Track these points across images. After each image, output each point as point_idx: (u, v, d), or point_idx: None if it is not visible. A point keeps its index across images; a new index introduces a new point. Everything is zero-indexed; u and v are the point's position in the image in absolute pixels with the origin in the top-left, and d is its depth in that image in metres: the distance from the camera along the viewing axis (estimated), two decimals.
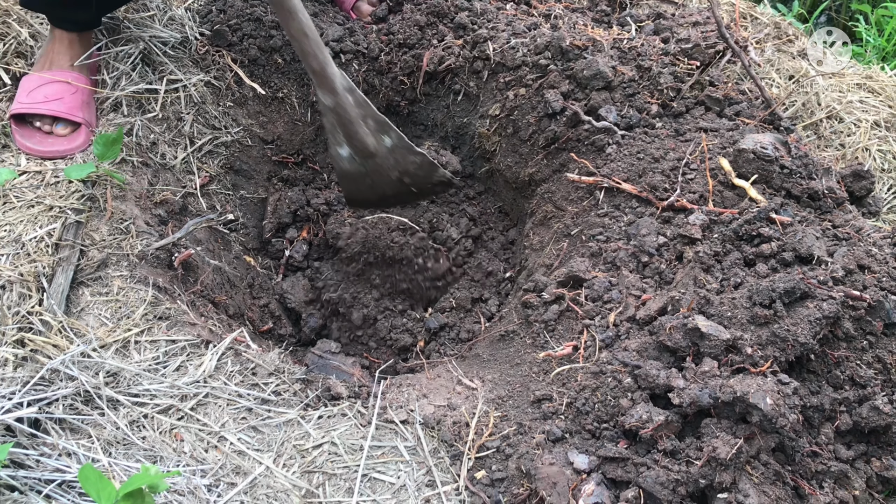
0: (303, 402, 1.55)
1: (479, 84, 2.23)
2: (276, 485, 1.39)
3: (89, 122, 1.92)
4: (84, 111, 1.91)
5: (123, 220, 1.77)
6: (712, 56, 2.12)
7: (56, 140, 1.86)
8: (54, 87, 1.88)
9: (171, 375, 1.53)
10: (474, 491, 1.42)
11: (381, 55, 2.27)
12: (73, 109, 1.88)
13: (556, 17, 2.35)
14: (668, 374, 1.43)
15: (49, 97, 1.86)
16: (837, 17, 3.48)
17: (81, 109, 1.90)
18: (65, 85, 1.90)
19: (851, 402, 1.49)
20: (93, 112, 1.95)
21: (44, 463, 1.33)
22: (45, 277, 1.60)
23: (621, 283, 1.72)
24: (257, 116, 2.28)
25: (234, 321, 1.92)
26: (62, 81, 1.89)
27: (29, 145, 1.84)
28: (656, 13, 2.44)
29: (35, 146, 1.84)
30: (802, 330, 1.43)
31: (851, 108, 2.23)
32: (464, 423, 1.53)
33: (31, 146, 1.84)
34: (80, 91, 1.92)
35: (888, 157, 2.14)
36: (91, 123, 1.92)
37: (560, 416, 1.51)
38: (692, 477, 1.31)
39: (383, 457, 1.47)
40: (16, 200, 1.72)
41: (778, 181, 1.78)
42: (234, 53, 2.23)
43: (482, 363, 1.80)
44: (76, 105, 1.89)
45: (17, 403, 1.38)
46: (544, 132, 2.08)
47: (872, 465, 1.49)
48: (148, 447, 1.40)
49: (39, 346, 1.49)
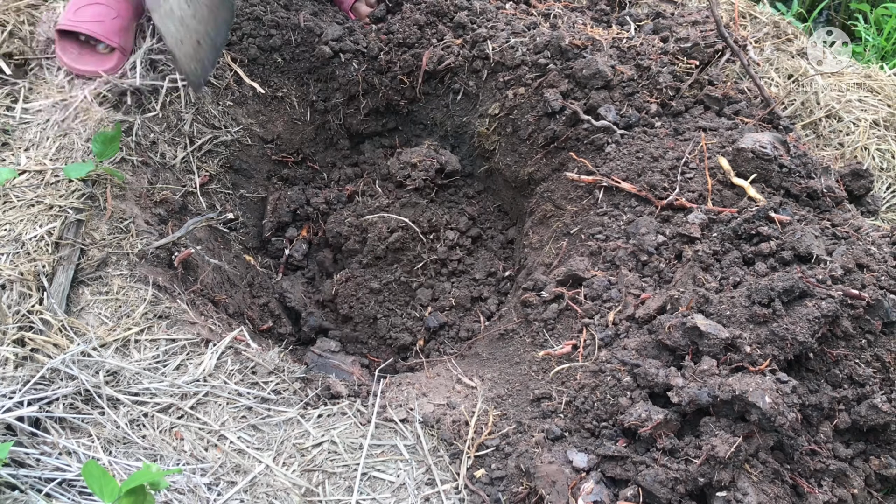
0: (302, 400, 1.55)
1: (479, 83, 2.23)
2: (276, 483, 1.39)
3: (124, 49, 2.01)
4: (121, 36, 2.00)
5: (123, 219, 1.77)
6: (711, 55, 2.12)
7: (92, 58, 1.99)
8: (98, 8, 1.99)
9: (171, 374, 1.53)
10: (474, 489, 1.42)
11: (381, 54, 2.27)
12: (110, 33, 1.98)
13: (555, 17, 2.35)
14: (667, 373, 1.43)
15: (93, 17, 1.97)
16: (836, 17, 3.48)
17: (118, 34, 1.99)
18: (106, 8, 1.99)
19: (850, 400, 1.49)
20: (130, 38, 2.04)
21: (44, 462, 1.33)
22: (45, 276, 1.60)
23: (620, 282, 1.72)
24: (257, 116, 2.28)
25: (234, 320, 1.92)
26: (103, 4, 1.99)
27: (66, 60, 1.97)
28: (655, 12, 2.44)
29: (71, 62, 1.97)
30: (801, 329, 1.43)
31: (850, 108, 2.23)
32: (463, 422, 1.54)
33: (68, 61, 1.97)
34: (121, 16, 2.00)
35: (887, 157, 2.14)
36: (126, 50, 2.02)
37: (559, 414, 1.51)
38: (691, 475, 1.31)
39: (383, 455, 1.47)
40: (16, 199, 1.72)
41: (777, 180, 1.79)
42: (234, 53, 2.23)
43: (481, 362, 1.80)
44: (114, 29, 1.99)
45: (18, 402, 1.39)
46: (543, 131, 2.08)
47: (871, 463, 1.49)
48: (148, 446, 1.40)
49: (40, 345, 1.50)
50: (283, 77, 2.30)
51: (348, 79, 2.29)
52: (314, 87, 2.32)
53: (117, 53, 2.00)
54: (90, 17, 1.97)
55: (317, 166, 2.44)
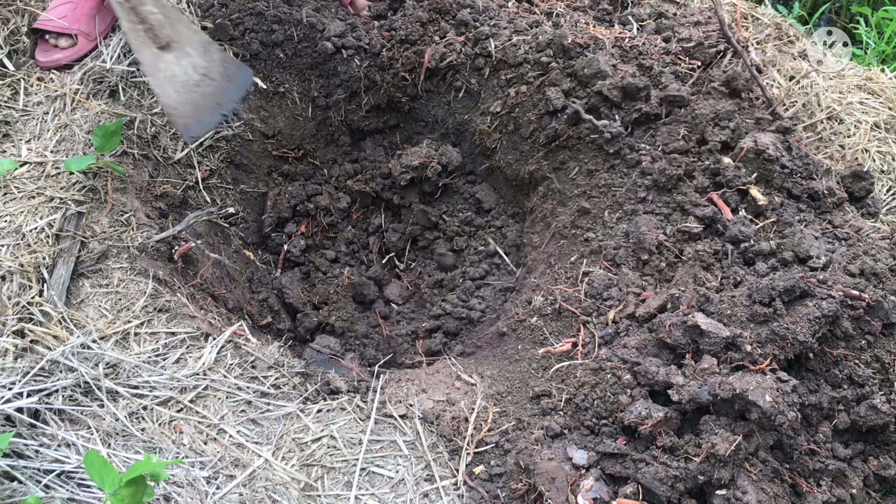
0: (302, 395, 1.55)
1: (481, 81, 2.23)
2: (275, 477, 1.39)
3: (87, 33, 2.07)
4: (82, 23, 2.06)
5: (124, 212, 1.77)
6: (713, 56, 2.12)
7: (56, 52, 2.05)
8: (63, 7, 2.06)
9: (171, 367, 1.53)
10: (472, 485, 1.42)
11: (383, 51, 2.27)
12: (72, 23, 2.05)
13: (557, 15, 2.35)
14: (667, 371, 1.43)
15: (58, 15, 2.05)
16: (838, 19, 3.48)
17: (79, 22, 2.06)
18: (69, 4, 2.07)
19: (849, 400, 1.49)
20: (93, 23, 2.09)
21: (43, 453, 1.33)
22: (45, 268, 1.59)
23: (621, 280, 1.72)
24: (258, 111, 2.28)
25: (234, 315, 1.92)
26: (68, 2, 2.07)
27: (38, 58, 2.06)
28: (658, 12, 2.44)
29: (40, 57, 2.05)
30: (802, 328, 1.43)
31: (851, 110, 2.23)
32: (462, 419, 1.54)
33: (39, 58, 2.05)
34: (81, 6, 2.07)
35: (887, 159, 2.15)
36: (90, 34, 2.07)
37: (559, 412, 1.51)
38: (691, 473, 1.32)
39: (382, 451, 1.47)
40: (16, 191, 1.72)
41: (778, 181, 1.79)
42: (236, 48, 2.23)
43: (481, 359, 1.80)
44: (76, 18, 2.05)
45: (17, 394, 1.38)
46: (545, 130, 2.08)
47: (870, 463, 1.49)
48: (147, 439, 1.40)
49: (39, 336, 1.49)
50: (284, 73, 2.30)
51: (350, 75, 2.29)
52: (316, 83, 2.32)
53: (81, 39, 2.06)
54: (56, 14, 2.04)
55: (317, 162, 2.44)
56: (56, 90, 1.96)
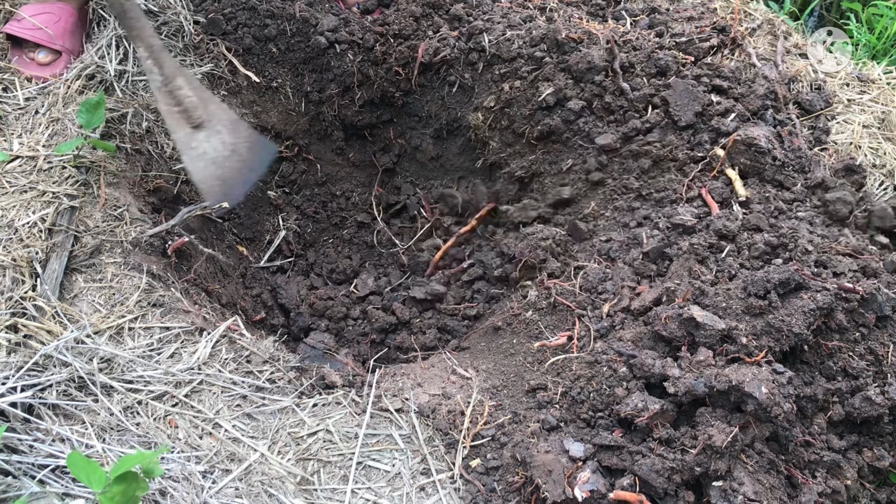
0: (297, 389, 1.54)
1: (474, 76, 2.23)
2: (271, 472, 1.38)
3: (71, 50, 2.01)
4: (66, 39, 2.00)
5: (117, 206, 1.76)
6: (706, 50, 2.12)
7: (34, 66, 1.99)
8: (43, 17, 1.99)
9: (166, 362, 1.52)
10: (469, 479, 1.42)
11: (377, 46, 2.26)
12: (53, 38, 1.97)
13: (551, 10, 2.35)
14: (663, 364, 1.43)
15: (35, 25, 1.97)
16: (828, 15, 3.50)
17: (63, 37, 1.99)
18: (49, 15, 1.99)
19: (844, 392, 1.50)
20: (77, 40, 2.04)
21: (37, 448, 1.32)
22: (38, 263, 1.58)
23: (616, 273, 1.72)
24: (251, 106, 2.27)
25: (227, 310, 1.91)
26: (48, 12, 1.99)
27: (16, 66, 1.99)
28: (651, 7, 2.44)
29: (19, 67, 1.99)
30: (796, 321, 1.44)
31: (843, 105, 2.24)
32: (459, 412, 1.53)
33: (17, 67, 1.99)
34: (64, 20, 2.00)
35: (879, 153, 2.15)
36: (74, 51, 2.02)
37: (555, 404, 1.51)
38: (687, 465, 1.32)
39: (378, 445, 1.47)
40: (8, 186, 1.71)
41: (770, 173, 1.80)
42: (229, 42, 2.22)
43: (477, 353, 1.80)
44: (58, 33, 1.98)
45: (11, 388, 1.37)
46: (538, 125, 2.08)
47: (864, 455, 1.50)
48: (142, 433, 1.39)
49: (33, 331, 1.48)
50: (277, 67, 2.29)
51: (343, 70, 2.28)
52: (309, 78, 2.31)
53: (63, 56, 2.00)
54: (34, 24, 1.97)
55: (311, 157, 2.43)
56: (48, 86, 1.94)
